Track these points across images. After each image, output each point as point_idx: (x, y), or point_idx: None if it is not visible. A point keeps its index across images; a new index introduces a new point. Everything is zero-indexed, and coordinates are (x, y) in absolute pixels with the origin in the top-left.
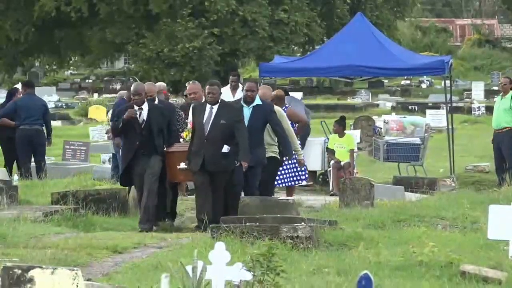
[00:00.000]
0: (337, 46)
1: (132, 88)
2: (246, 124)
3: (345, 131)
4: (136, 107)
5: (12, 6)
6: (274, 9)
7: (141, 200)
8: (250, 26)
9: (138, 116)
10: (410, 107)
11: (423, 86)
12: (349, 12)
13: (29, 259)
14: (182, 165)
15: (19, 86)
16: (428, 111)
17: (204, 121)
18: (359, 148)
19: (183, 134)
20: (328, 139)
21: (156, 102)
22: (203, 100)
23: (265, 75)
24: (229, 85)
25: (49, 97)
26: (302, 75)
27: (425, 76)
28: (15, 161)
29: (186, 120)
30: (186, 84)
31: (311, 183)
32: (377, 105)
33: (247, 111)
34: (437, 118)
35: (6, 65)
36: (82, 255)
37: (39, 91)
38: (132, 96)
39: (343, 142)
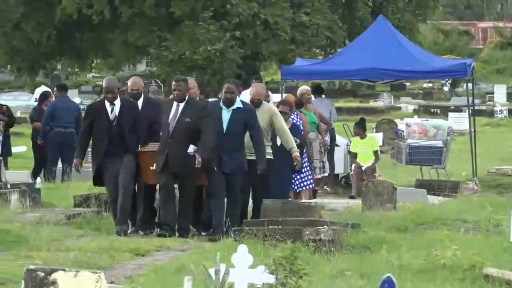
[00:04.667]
0: (359, 49)
1: (103, 84)
2: (225, 127)
3: (366, 133)
4: (108, 103)
5: (34, 8)
6: (295, 12)
7: (114, 201)
8: (272, 29)
9: (110, 112)
10: (432, 110)
11: (445, 89)
12: (371, 15)
13: (52, 262)
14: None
15: (42, 88)
16: (450, 114)
17: (169, 119)
18: (381, 151)
19: None
20: (350, 142)
21: (142, 98)
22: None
23: (287, 78)
24: (251, 88)
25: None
26: (324, 78)
27: (447, 79)
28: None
29: None
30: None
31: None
32: (399, 108)
33: (226, 114)
34: (459, 121)
35: (28, 68)
36: (105, 258)
37: None
38: (104, 94)
39: (365, 144)
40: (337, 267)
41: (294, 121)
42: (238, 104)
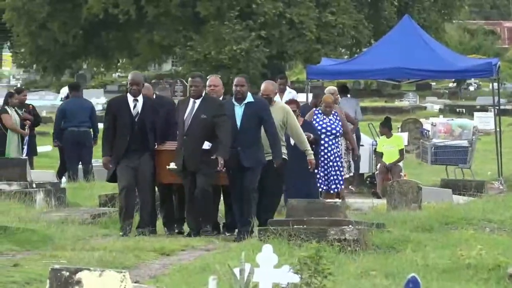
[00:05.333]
0: (384, 49)
1: (129, 77)
2: (239, 123)
3: (392, 132)
4: (131, 98)
5: (60, 8)
6: (321, 12)
7: (124, 199)
8: (297, 29)
9: (132, 108)
10: (457, 109)
11: (471, 88)
12: (397, 15)
13: (77, 261)
14: (172, 165)
15: (67, 88)
16: (476, 114)
17: (185, 116)
18: (406, 151)
19: None
20: (376, 142)
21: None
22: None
23: (312, 77)
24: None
25: (97, 99)
26: (350, 78)
27: (472, 79)
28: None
29: None
30: (208, 77)
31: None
32: (425, 108)
33: (239, 110)
34: (485, 121)
35: (53, 67)
36: (130, 257)
37: (87, 94)
38: (129, 86)
39: (391, 143)
40: (362, 266)
41: (330, 121)
42: (249, 98)
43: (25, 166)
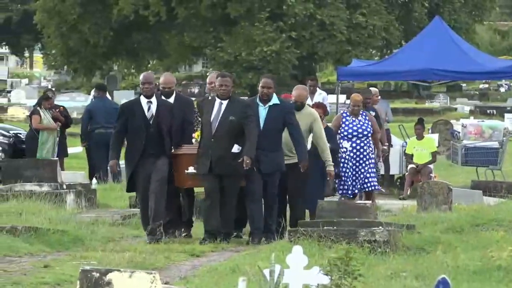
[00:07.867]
0: (415, 50)
1: (141, 76)
2: (262, 125)
3: (424, 134)
4: (145, 100)
5: (91, 9)
6: (352, 13)
7: (144, 207)
8: (328, 30)
9: (146, 110)
10: (488, 111)
11: (502, 90)
12: (427, 16)
13: (107, 262)
14: (191, 169)
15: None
16: (506, 115)
17: (212, 118)
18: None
19: (195, 134)
20: (406, 143)
21: (174, 95)
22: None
23: (343, 79)
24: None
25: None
26: (380, 79)
27: (503, 80)
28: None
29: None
30: (207, 74)
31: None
32: (455, 109)
33: (263, 111)
34: None
35: (84, 68)
36: (160, 258)
37: (118, 95)
38: (141, 86)
39: (422, 145)
40: (392, 268)
41: (360, 122)
42: (275, 100)
43: (56, 167)
